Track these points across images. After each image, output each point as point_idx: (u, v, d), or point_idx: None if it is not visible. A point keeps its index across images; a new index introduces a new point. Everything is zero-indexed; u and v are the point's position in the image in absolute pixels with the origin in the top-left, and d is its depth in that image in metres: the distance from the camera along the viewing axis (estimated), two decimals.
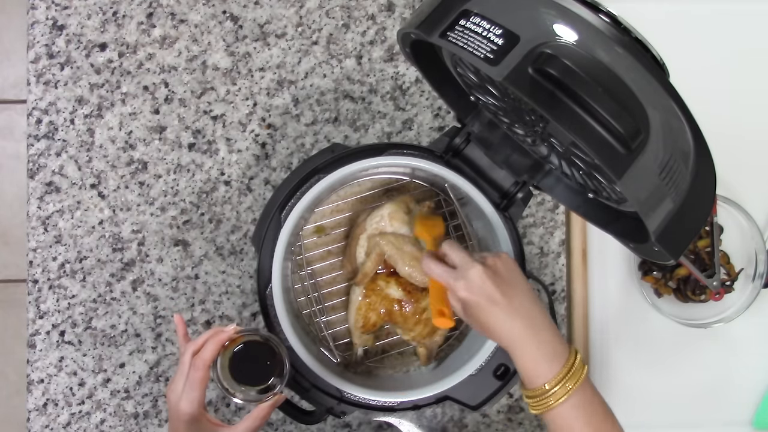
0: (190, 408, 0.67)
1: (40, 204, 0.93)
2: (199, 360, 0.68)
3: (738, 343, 0.96)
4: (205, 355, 0.68)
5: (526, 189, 0.79)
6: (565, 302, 0.95)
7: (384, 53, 0.96)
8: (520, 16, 0.55)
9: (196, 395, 0.68)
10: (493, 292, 0.66)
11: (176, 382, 0.68)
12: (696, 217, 0.59)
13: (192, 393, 0.67)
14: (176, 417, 0.68)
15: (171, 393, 0.69)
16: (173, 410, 0.68)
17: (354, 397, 0.78)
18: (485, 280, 0.66)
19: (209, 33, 0.95)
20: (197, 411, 0.68)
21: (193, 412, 0.68)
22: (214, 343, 0.68)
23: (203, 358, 0.68)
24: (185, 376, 0.68)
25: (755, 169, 0.97)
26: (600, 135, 0.52)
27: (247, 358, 0.71)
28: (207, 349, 0.68)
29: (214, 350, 0.68)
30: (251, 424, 0.70)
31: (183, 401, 0.67)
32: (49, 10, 0.94)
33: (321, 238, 0.87)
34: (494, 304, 0.66)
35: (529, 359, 0.64)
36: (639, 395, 0.95)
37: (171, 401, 0.68)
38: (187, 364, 0.68)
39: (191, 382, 0.68)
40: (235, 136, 0.94)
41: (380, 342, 0.87)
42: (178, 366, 0.69)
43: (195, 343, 0.69)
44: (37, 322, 0.92)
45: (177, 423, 0.68)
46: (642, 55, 0.54)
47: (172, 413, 0.69)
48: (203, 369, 0.68)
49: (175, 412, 0.68)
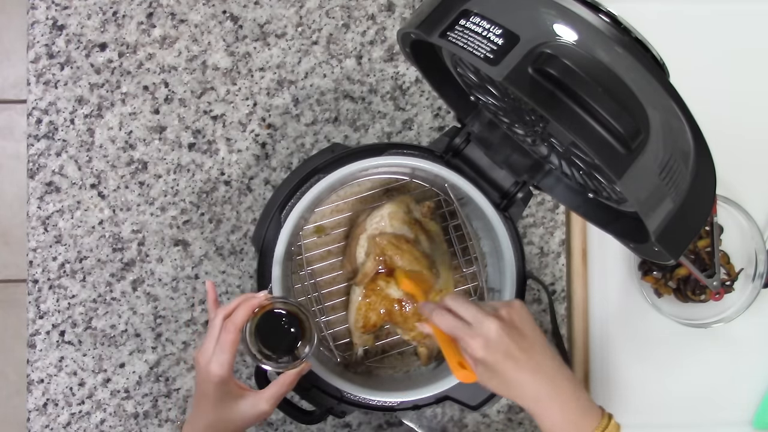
0: (221, 370, 0.68)
1: (40, 204, 0.93)
2: (230, 323, 0.68)
3: (738, 343, 0.96)
4: (237, 318, 0.68)
5: (526, 189, 0.79)
6: (565, 302, 0.95)
7: (384, 53, 0.96)
8: (520, 16, 0.55)
9: (227, 358, 0.68)
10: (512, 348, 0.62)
11: (206, 345, 0.69)
12: (696, 217, 0.59)
13: (222, 355, 0.68)
14: (205, 379, 0.68)
15: (201, 356, 0.69)
16: (203, 372, 0.69)
17: (354, 397, 0.78)
18: (503, 336, 0.62)
19: (209, 33, 0.95)
20: (227, 373, 0.68)
21: (223, 375, 0.68)
22: (246, 307, 0.69)
23: (235, 321, 0.68)
24: (215, 339, 0.68)
25: (755, 169, 0.97)
26: (600, 135, 0.52)
27: (275, 325, 0.71)
28: (239, 312, 0.69)
29: (245, 314, 0.69)
30: (278, 390, 0.70)
31: (213, 363, 0.68)
32: (49, 10, 0.94)
33: (321, 238, 0.87)
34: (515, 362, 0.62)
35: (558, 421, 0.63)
36: (639, 395, 0.95)
37: (200, 364, 0.69)
38: (218, 327, 0.69)
39: (222, 345, 0.68)
40: (235, 136, 0.94)
41: (380, 342, 0.87)
42: (209, 330, 0.70)
43: (226, 308, 0.70)
44: (37, 322, 0.92)
45: (206, 385, 0.69)
46: (642, 55, 0.54)
47: (201, 376, 0.69)
48: (234, 332, 0.68)
49: (205, 374, 0.68)
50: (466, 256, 0.87)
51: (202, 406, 0.70)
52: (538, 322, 0.93)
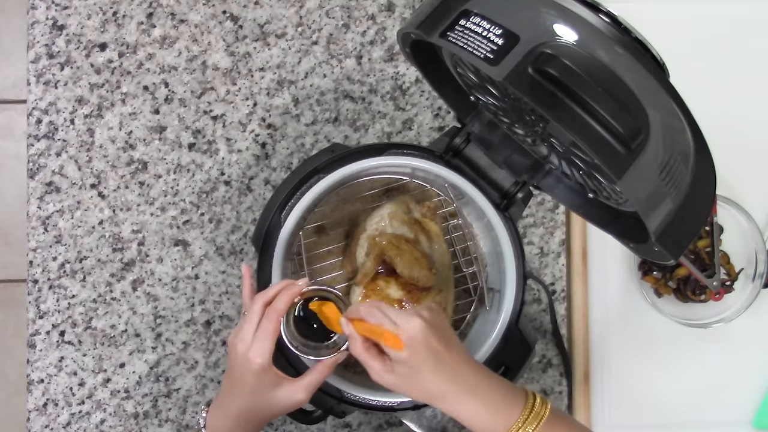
0: (261, 359, 0.66)
1: (40, 204, 0.93)
2: (273, 311, 0.66)
3: (738, 343, 0.96)
4: (279, 305, 0.67)
5: (526, 189, 0.79)
6: (565, 302, 0.95)
7: (384, 53, 0.96)
8: (520, 16, 0.55)
9: (268, 346, 0.66)
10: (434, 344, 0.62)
11: (245, 331, 0.67)
12: (696, 217, 0.59)
13: (264, 343, 0.66)
14: (244, 367, 0.67)
15: (239, 342, 0.67)
16: (241, 359, 0.67)
17: (354, 397, 0.78)
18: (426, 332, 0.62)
19: (209, 33, 0.95)
20: (267, 362, 0.66)
21: (264, 363, 0.66)
22: (288, 295, 0.67)
23: (277, 308, 0.67)
24: (255, 326, 0.66)
25: (755, 169, 0.97)
26: (600, 135, 0.52)
27: (311, 314, 0.70)
28: (281, 299, 0.67)
29: (288, 301, 0.67)
30: (315, 378, 0.69)
31: (253, 351, 0.66)
32: (49, 10, 0.94)
33: (321, 238, 0.87)
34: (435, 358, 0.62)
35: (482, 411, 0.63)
36: (639, 395, 0.95)
37: (239, 351, 0.66)
38: (257, 314, 0.67)
39: (263, 332, 0.66)
40: (235, 136, 0.94)
41: None
42: (246, 316, 0.67)
43: (266, 294, 0.68)
44: (37, 322, 0.92)
45: (243, 373, 0.67)
46: (642, 55, 0.54)
47: (238, 362, 0.67)
48: (277, 320, 0.66)
49: (244, 362, 0.66)
50: (466, 256, 0.87)
51: (237, 392, 0.68)
52: (538, 322, 0.94)
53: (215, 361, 0.92)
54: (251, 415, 0.68)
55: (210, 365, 0.92)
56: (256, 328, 0.67)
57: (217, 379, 0.92)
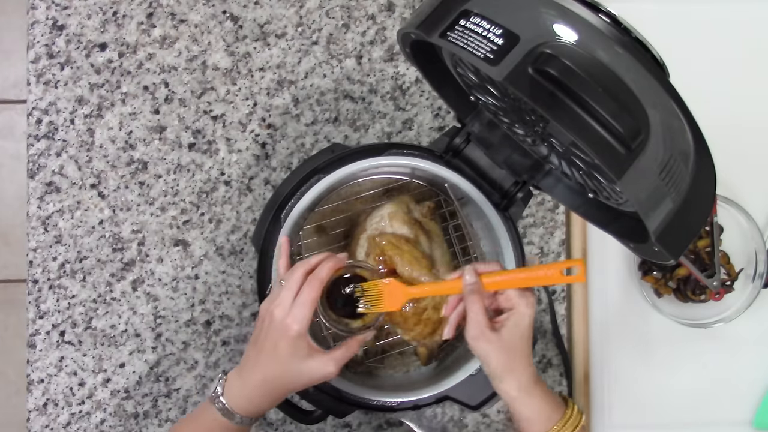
0: (299, 326, 0.66)
1: (40, 204, 0.93)
2: (315, 279, 0.67)
3: (738, 343, 0.96)
4: (322, 274, 0.67)
5: (526, 189, 0.79)
6: (565, 302, 0.95)
7: (384, 53, 0.96)
8: (520, 16, 0.55)
9: (307, 312, 0.66)
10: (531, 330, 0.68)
11: (284, 298, 0.67)
12: (696, 217, 0.59)
13: (303, 310, 0.66)
14: (280, 332, 0.66)
15: (276, 308, 0.66)
16: (277, 325, 0.66)
17: (354, 397, 0.78)
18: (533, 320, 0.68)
19: (209, 33, 0.95)
20: (304, 329, 0.66)
21: (301, 330, 0.66)
22: (331, 264, 0.68)
23: (320, 276, 0.67)
24: (294, 293, 0.66)
25: (755, 169, 0.97)
26: (600, 135, 0.52)
27: (342, 289, 0.71)
28: (323, 268, 0.67)
29: (330, 271, 0.67)
30: (346, 352, 0.69)
31: (291, 317, 0.66)
32: (49, 10, 0.94)
33: (321, 238, 0.87)
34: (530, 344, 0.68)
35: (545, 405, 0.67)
36: (639, 395, 0.95)
37: (275, 316, 0.66)
38: (299, 281, 0.67)
39: (304, 299, 0.66)
40: (235, 136, 0.94)
41: (380, 342, 0.87)
42: (286, 284, 0.68)
43: (307, 263, 0.68)
44: (37, 322, 0.92)
45: (278, 339, 0.66)
46: (642, 55, 0.54)
47: (273, 328, 0.67)
48: (318, 288, 0.66)
49: (281, 327, 0.66)
50: (466, 256, 0.87)
51: (265, 360, 0.67)
52: (538, 323, 0.94)
53: (215, 361, 0.92)
54: (276, 383, 0.68)
55: (210, 365, 0.92)
56: (296, 296, 0.66)
57: None
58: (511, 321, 0.67)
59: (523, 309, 0.67)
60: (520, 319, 0.66)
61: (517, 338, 0.66)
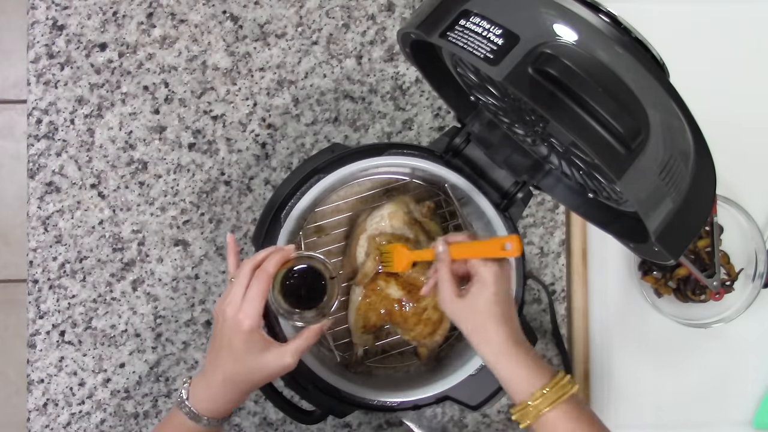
0: (251, 320, 0.66)
1: (40, 204, 0.93)
2: (262, 272, 0.67)
3: (738, 343, 0.96)
4: (269, 267, 0.67)
5: (526, 189, 0.79)
6: (565, 302, 0.95)
7: (384, 53, 0.96)
8: (520, 16, 0.55)
9: (258, 307, 0.66)
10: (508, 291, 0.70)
11: (234, 294, 0.67)
12: (696, 217, 0.59)
13: (254, 304, 0.66)
14: (233, 329, 0.67)
15: (228, 305, 0.67)
16: (230, 322, 0.67)
17: (354, 397, 0.78)
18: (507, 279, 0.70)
19: (209, 33, 0.95)
20: (257, 323, 0.67)
21: (253, 324, 0.66)
22: (277, 257, 0.68)
23: (267, 270, 0.67)
24: (244, 288, 0.67)
25: (755, 169, 0.97)
26: (600, 135, 0.52)
27: (297, 280, 0.71)
28: (270, 261, 0.68)
29: (277, 264, 0.68)
30: (302, 343, 0.69)
31: (243, 312, 0.66)
32: (49, 10, 0.94)
33: (321, 238, 0.87)
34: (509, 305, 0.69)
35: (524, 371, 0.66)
36: (639, 395, 0.95)
37: (227, 314, 0.67)
38: (247, 276, 0.67)
39: (253, 294, 0.67)
40: (235, 136, 0.94)
41: (380, 342, 0.87)
42: (235, 281, 0.68)
43: (254, 259, 0.69)
44: (37, 322, 0.92)
45: (232, 336, 0.67)
46: (642, 55, 0.54)
47: (227, 326, 0.67)
48: (267, 281, 0.67)
49: (233, 324, 0.67)
50: None
51: (223, 358, 0.68)
52: (538, 323, 0.94)
53: None
54: (237, 379, 0.68)
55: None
56: (245, 291, 0.67)
57: None
58: (475, 287, 0.69)
59: (483, 275, 0.68)
60: (482, 286, 0.68)
61: (482, 303, 0.68)
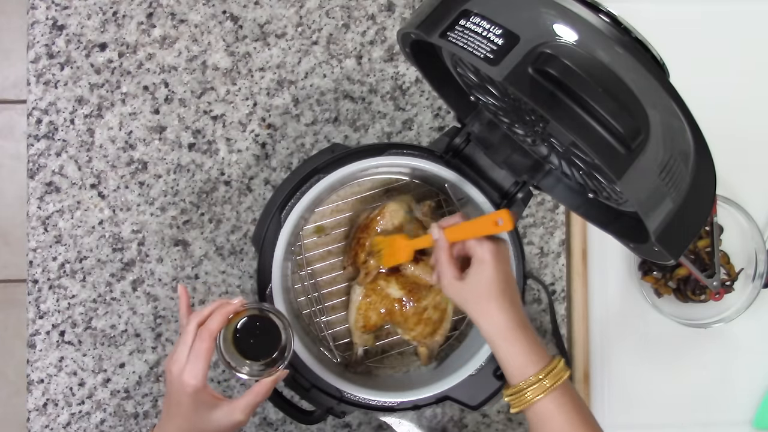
0: (195, 380, 0.65)
1: (40, 204, 0.93)
2: (205, 331, 0.66)
3: (738, 343, 0.96)
4: (212, 325, 0.66)
5: (526, 189, 0.79)
6: (565, 302, 0.95)
7: (384, 53, 0.96)
8: (520, 16, 0.55)
9: (201, 367, 0.65)
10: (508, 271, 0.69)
11: (179, 352, 0.66)
12: (696, 217, 0.59)
13: (197, 364, 0.65)
14: (179, 389, 0.66)
15: (173, 364, 0.66)
16: (176, 382, 0.66)
17: (354, 397, 0.78)
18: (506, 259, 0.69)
19: (209, 33, 0.95)
20: (201, 383, 0.66)
21: (197, 385, 0.65)
22: (221, 314, 0.67)
23: (210, 328, 0.66)
24: (189, 346, 0.66)
25: (755, 169, 0.97)
26: (600, 135, 0.52)
27: (250, 332, 0.69)
28: (214, 319, 0.66)
29: (220, 321, 0.66)
30: (253, 399, 0.68)
31: (187, 373, 0.65)
32: (49, 10, 0.94)
33: (321, 238, 0.87)
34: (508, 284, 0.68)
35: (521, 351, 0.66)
36: (639, 395, 0.95)
37: (173, 373, 0.66)
38: (191, 334, 0.66)
39: (196, 353, 0.65)
40: (235, 136, 0.94)
41: (380, 342, 0.87)
42: (181, 337, 0.67)
43: (200, 314, 0.67)
44: (37, 322, 0.92)
45: (179, 395, 0.66)
46: (642, 55, 0.54)
47: (174, 385, 0.67)
48: (209, 340, 0.66)
49: (179, 384, 0.66)
50: None
51: (174, 415, 0.67)
52: (538, 323, 0.94)
53: (214, 362, 0.92)
54: None
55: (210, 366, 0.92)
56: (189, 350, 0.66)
57: (216, 380, 0.92)
58: (473, 269, 0.68)
59: (480, 255, 0.68)
60: (480, 266, 0.68)
61: (482, 284, 0.67)
